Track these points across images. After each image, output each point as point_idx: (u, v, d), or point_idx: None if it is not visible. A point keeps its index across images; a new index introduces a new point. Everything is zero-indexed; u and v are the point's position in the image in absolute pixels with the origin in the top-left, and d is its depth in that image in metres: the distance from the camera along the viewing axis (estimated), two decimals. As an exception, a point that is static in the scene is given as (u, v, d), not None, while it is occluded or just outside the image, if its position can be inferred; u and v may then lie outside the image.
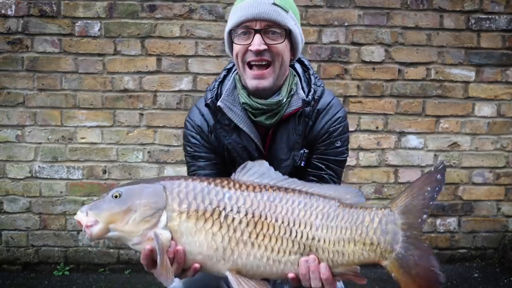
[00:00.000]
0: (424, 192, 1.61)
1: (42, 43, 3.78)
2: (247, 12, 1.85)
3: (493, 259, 4.07)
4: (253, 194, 1.63)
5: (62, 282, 3.69)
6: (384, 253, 1.61)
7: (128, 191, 1.61)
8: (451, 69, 3.97)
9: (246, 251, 1.59)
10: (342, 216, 1.62)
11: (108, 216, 1.58)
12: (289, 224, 1.61)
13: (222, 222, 1.58)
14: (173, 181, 1.64)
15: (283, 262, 1.61)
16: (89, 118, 3.83)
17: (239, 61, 1.91)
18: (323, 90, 2.05)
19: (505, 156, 4.04)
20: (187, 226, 1.58)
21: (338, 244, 1.61)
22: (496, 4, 3.95)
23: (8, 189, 3.84)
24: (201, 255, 1.59)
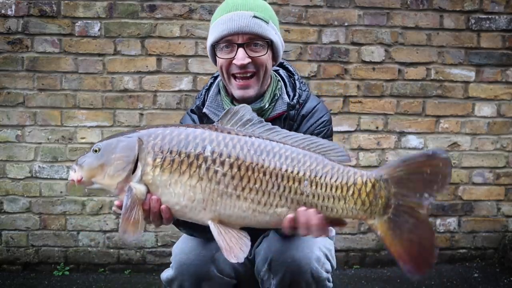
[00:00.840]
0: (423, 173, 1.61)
1: (42, 43, 3.78)
2: (229, 26, 1.90)
3: (493, 259, 4.07)
4: (239, 147, 1.64)
5: (62, 282, 3.69)
6: (373, 214, 1.64)
7: (105, 146, 1.67)
8: (451, 69, 3.97)
9: (231, 203, 1.62)
10: (332, 174, 1.65)
11: (89, 170, 1.66)
12: (277, 180, 1.63)
13: (202, 175, 1.60)
14: (150, 133, 1.67)
15: (269, 214, 1.65)
16: (89, 118, 3.83)
17: (224, 73, 1.97)
18: (308, 94, 2.10)
19: (505, 156, 4.05)
20: (161, 179, 1.62)
21: (327, 200, 1.64)
22: (496, 4, 3.95)
23: (8, 189, 3.84)
24: (179, 206, 1.63)
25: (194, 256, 2.01)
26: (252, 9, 1.92)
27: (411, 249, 1.59)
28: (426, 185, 1.60)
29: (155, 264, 3.92)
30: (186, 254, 2.02)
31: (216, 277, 2.02)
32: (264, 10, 1.97)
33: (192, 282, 2.00)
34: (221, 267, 2.03)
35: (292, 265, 1.91)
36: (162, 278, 2.10)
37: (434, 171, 1.60)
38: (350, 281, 3.73)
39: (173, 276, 2.03)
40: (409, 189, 1.62)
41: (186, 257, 2.01)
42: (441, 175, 1.60)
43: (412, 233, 1.59)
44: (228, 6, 1.97)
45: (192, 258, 2.00)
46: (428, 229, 1.61)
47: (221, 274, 2.03)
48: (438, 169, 1.60)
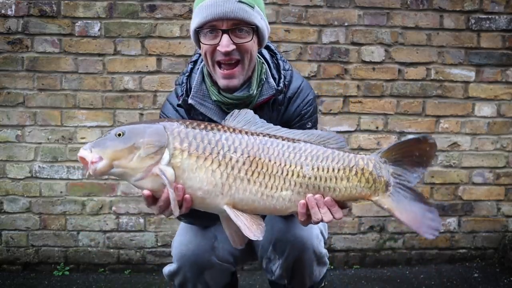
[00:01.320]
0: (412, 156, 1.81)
1: (42, 43, 3.78)
2: (213, 11, 1.83)
3: (493, 259, 4.07)
4: (247, 137, 1.76)
5: (62, 282, 3.69)
6: (377, 191, 1.81)
7: (131, 130, 1.69)
8: (451, 69, 3.97)
9: (243, 187, 1.71)
10: (332, 158, 1.79)
11: (113, 153, 1.64)
12: (281, 164, 1.76)
13: (221, 160, 1.71)
14: (172, 122, 1.74)
15: (275, 197, 1.75)
16: (89, 118, 3.83)
17: (208, 59, 1.91)
18: (292, 73, 2.07)
19: (505, 156, 4.04)
20: (189, 163, 1.67)
21: (330, 181, 1.78)
22: (496, 4, 3.94)
23: (8, 189, 3.84)
24: (201, 191, 1.68)
25: (194, 247, 2.03)
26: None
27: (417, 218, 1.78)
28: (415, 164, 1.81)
29: (155, 264, 3.92)
30: (186, 245, 2.04)
31: (217, 265, 2.05)
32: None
33: (195, 272, 2.02)
34: (221, 254, 2.06)
35: (296, 243, 1.98)
36: (164, 272, 2.11)
37: (421, 153, 1.81)
38: (350, 281, 3.73)
39: (176, 269, 2.05)
40: (403, 169, 1.82)
41: (186, 248, 2.03)
42: (426, 157, 1.82)
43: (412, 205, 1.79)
44: None
45: (192, 249, 2.03)
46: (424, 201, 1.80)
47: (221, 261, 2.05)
48: (425, 152, 1.81)
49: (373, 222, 4.00)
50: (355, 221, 4.00)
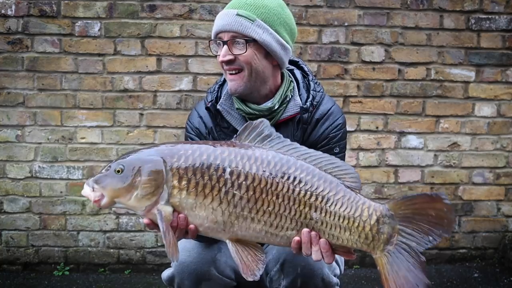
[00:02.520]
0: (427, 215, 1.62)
1: (42, 43, 3.78)
2: (217, 24, 1.97)
3: (493, 259, 4.07)
4: (255, 168, 1.64)
5: (62, 282, 3.69)
6: (375, 249, 1.67)
7: (129, 166, 1.64)
8: (451, 69, 3.97)
9: (246, 225, 1.65)
10: (342, 203, 1.65)
11: (112, 191, 1.63)
12: (289, 203, 1.64)
13: (222, 198, 1.63)
14: (172, 153, 1.66)
15: (280, 236, 1.68)
16: (89, 118, 3.83)
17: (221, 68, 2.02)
18: (323, 95, 2.09)
19: (505, 156, 4.04)
20: (187, 202, 1.64)
21: (334, 229, 1.66)
22: (496, 4, 3.95)
23: (8, 189, 3.84)
24: (202, 227, 1.66)
25: (195, 255, 2.01)
26: (240, 8, 1.92)
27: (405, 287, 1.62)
28: (431, 227, 1.62)
29: (155, 264, 3.92)
30: (188, 251, 2.02)
31: (216, 278, 2.02)
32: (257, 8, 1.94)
33: (192, 282, 2.00)
34: (222, 268, 2.03)
35: (305, 269, 1.92)
36: (163, 277, 2.10)
37: (438, 214, 1.62)
38: (350, 281, 3.73)
39: (174, 275, 2.03)
40: (414, 229, 1.63)
41: (188, 254, 2.01)
42: (446, 220, 1.62)
43: (409, 272, 1.62)
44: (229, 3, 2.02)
45: (193, 257, 2.01)
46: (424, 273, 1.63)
47: (221, 275, 2.03)
48: (443, 213, 1.62)
49: (373, 222, 4.00)
50: (355, 221, 4.00)
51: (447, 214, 1.61)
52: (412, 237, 1.63)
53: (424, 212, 1.62)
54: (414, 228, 1.62)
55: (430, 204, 1.63)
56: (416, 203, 1.64)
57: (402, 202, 1.65)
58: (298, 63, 2.19)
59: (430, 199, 1.64)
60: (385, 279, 1.67)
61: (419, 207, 1.63)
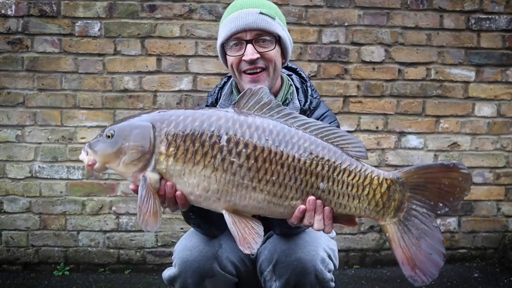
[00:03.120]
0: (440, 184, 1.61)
1: (42, 43, 3.78)
2: (237, 24, 1.94)
3: (493, 259, 4.07)
4: (256, 137, 1.60)
5: (62, 282, 3.70)
6: (385, 216, 1.65)
7: (118, 131, 1.63)
8: (451, 69, 3.97)
9: (246, 195, 1.61)
10: (349, 172, 1.63)
11: (103, 156, 1.64)
12: (295, 173, 1.61)
13: (217, 166, 1.58)
14: (163, 119, 1.63)
15: (283, 205, 1.64)
16: (89, 118, 3.83)
17: (235, 71, 2.00)
18: (319, 102, 2.14)
19: (505, 156, 4.05)
20: (175, 169, 1.60)
21: (342, 197, 1.64)
22: (496, 4, 3.95)
23: (8, 189, 3.84)
24: (193, 195, 1.63)
25: (197, 253, 2.01)
26: (258, 7, 1.97)
27: (418, 255, 1.59)
28: (442, 195, 1.61)
29: (155, 264, 3.92)
30: (190, 250, 2.02)
31: (219, 274, 2.03)
32: (270, 7, 2.01)
33: (196, 279, 2.00)
34: (224, 264, 2.03)
35: (297, 267, 1.92)
36: (164, 277, 2.10)
37: (452, 183, 1.60)
38: (350, 281, 3.73)
39: (176, 274, 2.03)
40: (424, 196, 1.62)
41: (189, 253, 2.01)
42: (459, 189, 1.61)
43: (421, 239, 1.59)
44: (235, 5, 2.02)
45: (195, 255, 2.01)
46: (438, 237, 1.60)
47: (224, 271, 2.03)
48: (457, 182, 1.61)
49: (373, 222, 4.00)
50: (355, 221, 4.00)
51: (461, 183, 1.60)
52: (423, 203, 1.61)
53: (437, 181, 1.61)
54: (424, 195, 1.61)
55: (445, 173, 1.61)
56: (431, 172, 1.63)
57: (415, 171, 1.64)
58: (297, 69, 2.24)
59: (446, 169, 1.62)
60: (395, 247, 1.62)
61: (433, 176, 1.62)
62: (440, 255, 1.59)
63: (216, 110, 1.68)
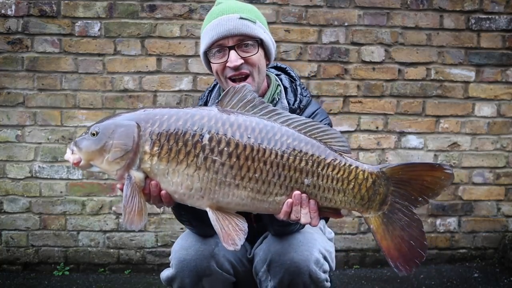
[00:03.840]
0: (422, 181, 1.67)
1: (42, 43, 3.78)
2: (218, 31, 1.94)
3: (493, 259, 4.07)
4: (238, 135, 1.62)
5: (62, 282, 3.70)
6: (369, 209, 1.70)
7: (103, 129, 1.65)
8: (451, 69, 3.97)
9: (229, 192, 1.63)
10: (333, 166, 1.67)
11: (87, 154, 1.66)
12: (278, 169, 1.63)
13: (200, 164, 1.60)
14: (148, 118, 1.65)
15: (268, 201, 1.66)
16: (89, 118, 3.83)
17: (221, 77, 2.01)
18: (309, 100, 2.14)
19: (505, 156, 4.04)
20: (159, 168, 1.62)
21: (328, 191, 1.67)
22: (496, 4, 3.95)
23: (8, 189, 3.84)
24: (177, 194, 1.64)
25: (193, 252, 2.01)
26: (238, 12, 1.97)
27: (402, 246, 1.66)
28: (423, 191, 1.68)
29: (155, 264, 3.92)
30: (186, 249, 2.02)
31: (217, 273, 2.03)
32: (250, 11, 2.01)
33: (193, 278, 2.00)
34: (221, 262, 2.03)
35: (291, 267, 1.92)
36: (162, 277, 2.10)
37: (434, 181, 1.67)
38: (350, 281, 3.73)
39: (174, 274, 2.03)
40: (407, 191, 1.69)
41: (186, 252, 2.02)
42: (439, 185, 1.67)
43: (404, 231, 1.66)
44: (214, 12, 2.01)
45: (192, 254, 2.01)
46: (420, 229, 1.67)
47: (221, 269, 2.03)
48: (439, 180, 1.67)
49: (373, 222, 4.00)
50: (355, 221, 4.00)
51: (443, 181, 1.66)
52: (405, 197, 1.68)
53: (420, 178, 1.67)
54: (407, 190, 1.68)
55: (429, 172, 1.67)
56: (415, 170, 1.69)
57: (401, 167, 1.69)
58: (286, 69, 2.24)
59: (431, 168, 1.69)
60: (381, 239, 1.68)
61: (417, 173, 1.68)
62: (423, 246, 1.65)
63: (200, 109, 1.70)
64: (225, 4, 2.02)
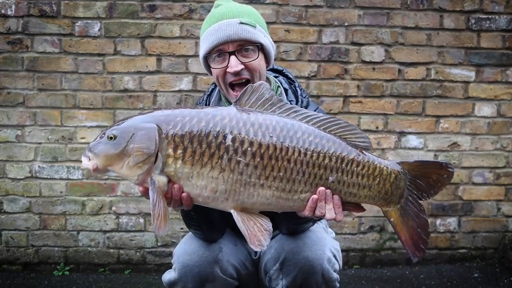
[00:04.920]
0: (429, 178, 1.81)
1: (42, 43, 3.78)
2: (218, 36, 1.93)
3: (493, 259, 4.07)
4: (261, 134, 1.60)
5: (62, 282, 3.70)
6: (390, 203, 1.79)
7: (122, 133, 1.59)
8: (451, 69, 3.97)
9: (254, 192, 1.62)
10: (357, 162, 1.71)
11: (105, 159, 1.59)
12: (302, 167, 1.64)
13: (224, 166, 1.58)
14: (168, 120, 1.61)
15: (293, 199, 1.67)
16: (89, 118, 3.83)
17: (221, 83, 1.99)
18: (308, 101, 2.15)
19: (505, 156, 4.04)
20: (183, 171, 1.58)
21: (353, 187, 1.72)
22: (496, 4, 3.94)
23: (8, 189, 3.84)
24: (201, 197, 1.62)
25: (197, 257, 2.00)
26: (237, 16, 1.95)
27: (413, 235, 1.81)
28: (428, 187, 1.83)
29: (155, 264, 3.92)
30: (189, 255, 2.01)
31: (221, 278, 2.01)
32: (250, 15, 1.99)
33: (196, 284, 1.98)
34: (225, 267, 2.02)
35: (305, 266, 1.93)
36: (163, 280, 2.08)
37: (438, 178, 1.82)
38: (350, 281, 3.73)
39: (176, 279, 2.01)
40: (417, 186, 1.82)
41: (189, 258, 2.00)
42: (440, 183, 1.82)
43: (414, 221, 1.82)
44: (214, 16, 1.98)
45: (195, 259, 1.99)
46: (425, 218, 1.84)
47: (224, 275, 2.02)
48: (442, 178, 1.81)
49: (373, 222, 4.00)
50: (355, 221, 4.00)
51: (445, 179, 1.82)
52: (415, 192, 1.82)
53: (428, 175, 1.82)
54: (416, 185, 1.82)
55: (437, 170, 1.83)
56: (428, 167, 1.84)
57: (417, 164, 1.82)
58: (283, 71, 2.23)
59: (440, 166, 1.84)
60: (400, 230, 1.81)
61: (428, 171, 1.83)
62: (428, 233, 1.83)
63: (219, 109, 1.68)
64: (225, 7, 2.00)
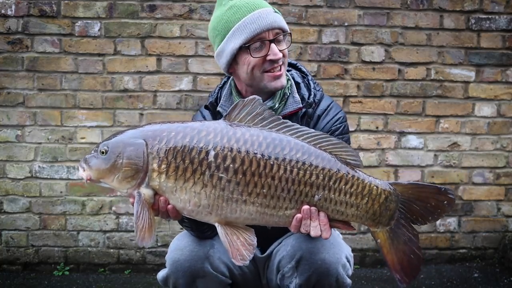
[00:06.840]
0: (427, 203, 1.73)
1: (42, 43, 3.78)
2: (260, 24, 1.92)
3: (493, 259, 4.07)
4: (244, 151, 1.60)
5: (62, 282, 3.70)
6: (378, 224, 1.74)
7: (112, 148, 1.67)
8: (451, 69, 3.97)
9: (237, 208, 1.62)
10: (346, 180, 1.66)
11: (97, 172, 1.68)
12: (287, 184, 1.62)
13: (206, 182, 1.60)
14: (155, 135, 1.65)
15: (278, 216, 1.66)
16: (89, 118, 3.83)
17: (255, 72, 1.95)
18: (322, 94, 2.15)
19: (505, 156, 4.04)
20: (167, 185, 1.63)
21: (340, 205, 1.67)
22: (496, 4, 3.95)
23: (8, 189, 3.84)
24: (185, 210, 1.66)
25: (188, 253, 2.01)
26: (267, 6, 1.99)
27: (403, 260, 1.74)
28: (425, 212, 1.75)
29: (155, 264, 3.92)
30: (181, 250, 2.02)
31: (211, 274, 2.02)
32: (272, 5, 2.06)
33: (187, 279, 2.00)
34: (216, 264, 2.03)
35: (321, 268, 1.93)
36: (158, 277, 2.11)
37: (437, 204, 1.74)
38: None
39: (168, 274, 2.03)
40: (411, 210, 1.75)
41: (180, 253, 2.01)
42: (440, 210, 1.75)
43: (406, 245, 1.74)
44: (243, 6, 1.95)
45: (186, 254, 2.01)
46: (418, 244, 1.76)
47: (216, 271, 2.03)
48: (442, 204, 1.74)
49: (373, 222, 4.00)
50: (355, 221, 4.00)
51: (445, 206, 1.74)
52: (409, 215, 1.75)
53: (426, 200, 1.74)
54: (411, 208, 1.74)
55: (435, 195, 1.74)
56: (424, 191, 1.75)
57: (411, 186, 1.75)
58: (297, 65, 2.25)
59: (438, 191, 1.75)
60: (387, 253, 1.75)
61: (424, 195, 1.74)
62: (420, 259, 1.75)
63: (206, 124, 1.69)
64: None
